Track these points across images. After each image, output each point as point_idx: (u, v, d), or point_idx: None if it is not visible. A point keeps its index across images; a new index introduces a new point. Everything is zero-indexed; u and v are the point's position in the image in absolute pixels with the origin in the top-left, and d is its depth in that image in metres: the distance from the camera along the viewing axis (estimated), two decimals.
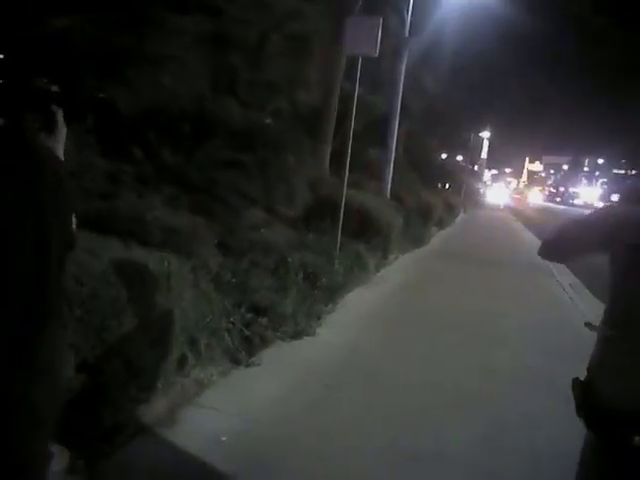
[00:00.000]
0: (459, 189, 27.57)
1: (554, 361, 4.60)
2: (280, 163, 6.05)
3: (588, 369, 1.44)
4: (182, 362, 3.34)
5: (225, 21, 5.48)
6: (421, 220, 13.39)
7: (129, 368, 2.69)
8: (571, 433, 1.65)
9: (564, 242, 1.56)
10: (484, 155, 53.06)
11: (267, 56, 6.27)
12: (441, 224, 16.99)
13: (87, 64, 4.10)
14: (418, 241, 12.10)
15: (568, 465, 1.53)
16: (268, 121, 6.64)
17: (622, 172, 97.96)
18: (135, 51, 4.42)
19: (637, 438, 1.21)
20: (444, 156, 30.51)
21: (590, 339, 1.50)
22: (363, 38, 6.31)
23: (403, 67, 11.67)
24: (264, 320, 4.35)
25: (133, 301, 2.58)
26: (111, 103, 4.69)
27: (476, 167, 44.40)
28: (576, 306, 7.56)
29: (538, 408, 3.72)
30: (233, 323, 4.09)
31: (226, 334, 3.94)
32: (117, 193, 3.80)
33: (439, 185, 25.37)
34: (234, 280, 4.62)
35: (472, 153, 40.56)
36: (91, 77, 4.09)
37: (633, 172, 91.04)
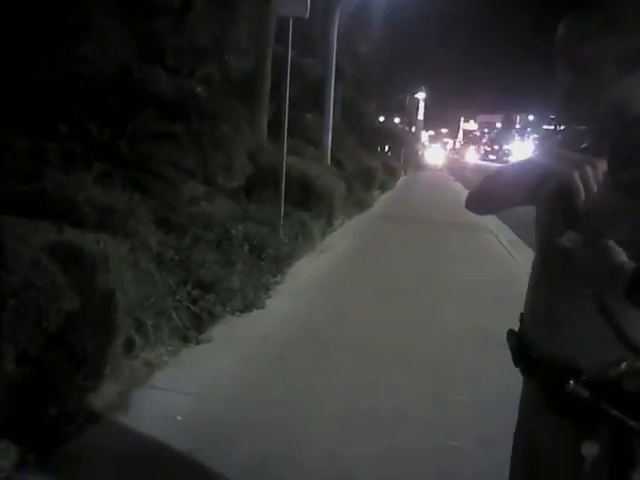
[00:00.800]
0: (398, 151, 27.85)
1: (493, 310, 4.80)
2: (215, 133, 5.86)
3: (521, 320, 1.43)
4: (129, 345, 3.23)
5: None
6: (363, 184, 13.46)
7: (73, 356, 2.57)
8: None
9: (489, 195, 1.54)
10: (421, 117, 53.78)
11: (193, 20, 5.99)
12: (383, 187, 17.17)
13: None
14: (362, 206, 12.19)
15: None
16: (199, 89, 6.40)
17: (551, 127, 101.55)
18: (50, 20, 4.09)
19: (571, 383, 1.20)
20: (382, 119, 30.61)
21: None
22: None
23: (335, 29, 11.49)
24: (211, 296, 4.26)
25: (71, 286, 2.45)
26: (29, 77, 4.37)
27: (413, 129, 44.93)
28: (513, 258, 7.87)
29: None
30: (180, 301, 3.99)
31: (173, 313, 3.84)
32: (44, 174, 3.55)
33: (379, 148, 25.52)
34: (177, 257, 4.50)
35: (409, 115, 41.00)
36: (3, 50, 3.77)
37: (561, 127, 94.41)
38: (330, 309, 4.97)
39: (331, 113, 11.79)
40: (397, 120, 36.40)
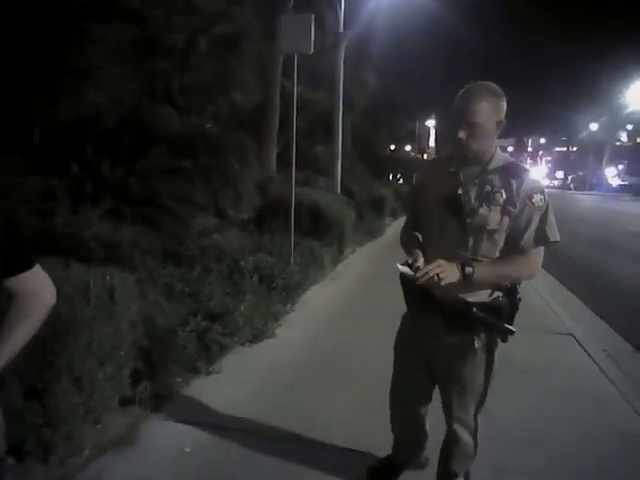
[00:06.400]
0: (410, 179, 27.95)
1: None
2: (224, 167, 5.98)
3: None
4: (137, 377, 3.26)
5: (151, 27, 5.37)
6: (374, 212, 13.51)
7: (80, 388, 2.61)
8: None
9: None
10: (432, 143, 53.99)
11: (198, 60, 6.18)
12: (395, 215, 17.17)
13: (7, 80, 3.93)
14: (373, 233, 12.21)
15: None
16: (208, 126, 6.56)
17: (564, 149, 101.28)
18: (56, 63, 4.26)
19: (474, 310, 2.06)
20: (392, 147, 30.84)
21: None
22: (296, 36, 6.31)
23: (341, 62, 11.73)
24: (221, 327, 4.29)
25: (76, 319, 2.51)
26: (42, 118, 4.53)
27: (425, 156, 45.11)
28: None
29: None
30: (189, 332, 4.02)
31: (183, 344, 3.86)
32: (53, 211, 3.66)
33: (390, 176, 25.64)
34: (187, 289, 4.55)
35: (420, 142, 41.23)
36: (13, 93, 3.93)
37: (574, 149, 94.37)
38: (340, 337, 4.95)
39: (340, 143, 11.94)
40: (408, 148, 36.60)
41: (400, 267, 2.07)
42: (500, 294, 2.08)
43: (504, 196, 1.99)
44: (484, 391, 2.22)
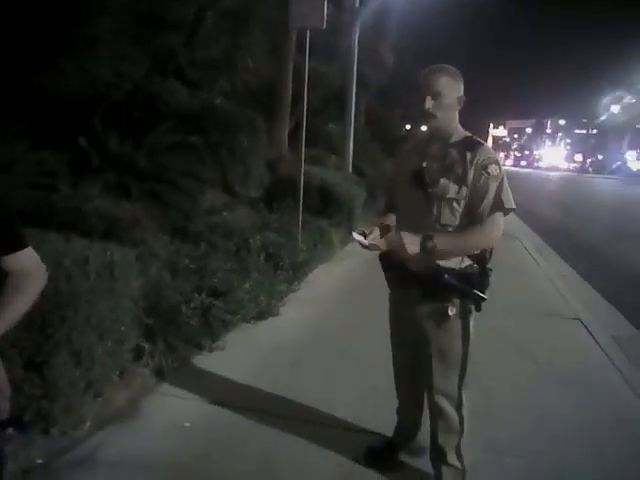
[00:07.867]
0: None
1: None
2: (233, 143, 5.94)
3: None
4: (139, 352, 3.28)
5: (158, 0, 5.29)
6: None
7: (79, 361, 2.63)
8: None
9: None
10: None
11: (207, 34, 6.09)
12: None
13: (11, 52, 3.90)
14: None
15: None
16: (218, 101, 6.49)
17: (583, 132, 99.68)
18: (59, 35, 4.21)
19: (446, 276, 2.15)
20: (409, 127, 30.44)
21: None
22: (309, 10, 6.18)
23: (356, 38, 11.52)
24: (225, 304, 4.29)
25: (76, 294, 2.51)
26: (49, 92, 4.51)
27: None
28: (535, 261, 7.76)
29: None
30: (193, 309, 4.03)
31: (186, 320, 3.88)
32: (54, 185, 3.66)
33: None
34: (192, 266, 4.55)
35: None
36: (18, 65, 3.91)
37: (594, 131, 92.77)
38: (345, 316, 4.94)
39: (352, 121, 11.78)
40: (424, 128, 36.14)
41: (355, 235, 2.26)
42: (470, 262, 2.20)
43: (461, 168, 2.16)
44: (464, 361, 2.29)
